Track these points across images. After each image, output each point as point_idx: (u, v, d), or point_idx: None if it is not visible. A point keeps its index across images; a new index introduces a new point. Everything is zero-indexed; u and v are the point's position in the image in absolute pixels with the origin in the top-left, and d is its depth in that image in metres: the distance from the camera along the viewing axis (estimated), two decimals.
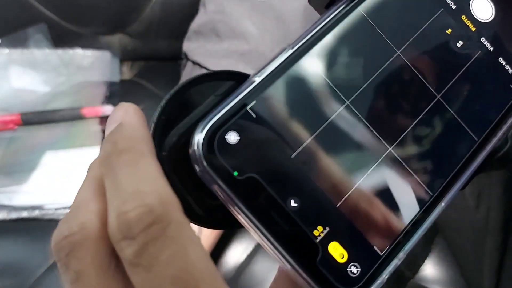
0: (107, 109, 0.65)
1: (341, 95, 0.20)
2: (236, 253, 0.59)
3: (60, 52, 0.67)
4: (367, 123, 0.20)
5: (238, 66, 0.53)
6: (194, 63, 0.57)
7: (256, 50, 0.53)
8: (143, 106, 0.71)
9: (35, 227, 0.58)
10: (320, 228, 0.18)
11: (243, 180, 0.17)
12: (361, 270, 0.18)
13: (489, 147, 0.21)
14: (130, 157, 0.16)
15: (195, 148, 0.17)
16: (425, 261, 0.59)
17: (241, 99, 0.18)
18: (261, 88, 0.19)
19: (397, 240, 0.19)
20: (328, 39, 0.20)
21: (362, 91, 0.20)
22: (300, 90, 0.19)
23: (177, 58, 0.68)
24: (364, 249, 0.19)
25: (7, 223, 0.57)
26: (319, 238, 0.18)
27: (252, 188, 0.17)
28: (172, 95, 0.19)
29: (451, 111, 0.21)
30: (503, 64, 0.22)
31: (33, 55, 0.67)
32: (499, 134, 0.22)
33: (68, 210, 0.62)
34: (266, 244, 0.18)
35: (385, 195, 0.19)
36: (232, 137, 0.18)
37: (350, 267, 0.18)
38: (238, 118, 0.18)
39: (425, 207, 0.20)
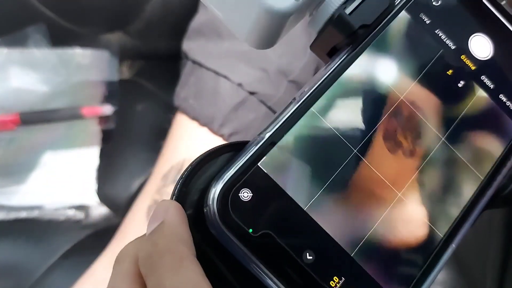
0: (106, 108, 0.65)
1: (349, 144, 0.20)
2: None
3: (59, 51, 0.67)
4: (375, 171, 0.20)
5: (239, 65, 0.53)
6: (194, 62, 0.56)
7: (257, 50, 0.53)
8: (142, 106, 0.70)
9: (34, 227, 0.58)
10: (336, 279, 0.18)
11: (258, 236, 0.18)
12: None
13: (494, 185, 0.21)
14: (172, 259, 0.17)
15: (209, 207, 0.18)
16: None
17: (251, 155, 0.18)
18: (271, 144, 0.19)
19: (412, 285, 0.20)
20: (333, 90, 0.20)
21: (369, 138, 0.20)
22: (308, 142, 0.20)
23: (177, 57, 0.68)
24: None
25: (6, 224, 0.57)
26: None
27: (267, 244, 0.18)
28: (192, 167, 0.20)
29: (456, 152, 0.21)
30: (504, 101, 0.23)
31: (32, 54, 0.67)
32: (504, 171, 0.22)
33: (68, 211, 0.62)
34: None
35: (397, 242, 0.20)
36: (245, 194, 0.18)
37: None
38: (250, 175, 0.18)
39: (437, 250, 0.20)
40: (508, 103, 0.22)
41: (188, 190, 0.19)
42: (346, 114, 0.20)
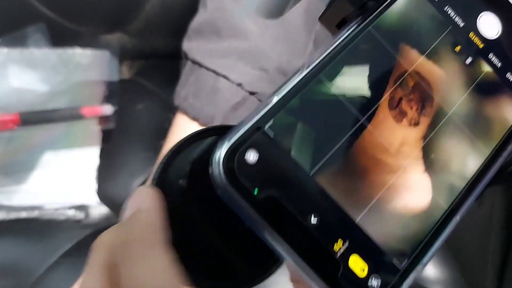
0: (106, 108, 0.65)
1: (355, 112, 0.20)
2: None
3: (59, 51, 0.67)
4: (380, 138, 0.20)
5: (238, 65, 0.53)
6: (194, 62, 0.56)
7: (257, 48, 0.53)
8: (142, 105, 0.70)
9: (34, 227, 0.58)
10: (340, 242, 0.19)
11: (263, 198, 0.18)
12: (381, 284, 0.19)
13: (500, 160, 0.22)
14: (141, 247, 0.17)
15: (216, 166, 0.18)
16: None
17: (259, 118, 0.19)
18: (278, 107, 0.19)
19: (415, 253, 0.20)
20: (341, 58, 0.21)
21: (374, 106, 0.21)
22: (315, 108, 0.20)
23: (177, 57, 0.68)
24: (383, 263, 0.19)
25: (6, 223, 0.57)
26: (339, 252, 0.18)
27: (272, 206, 0.18)
28: (172, 152, 0.21)
29: (461, 126, 0.22)
30: (511, 80, 0.23)
31: (32, 54, 0.67)
32: (509, 147, 0.22)
33: (68, 210, 0.62)
34: (288, 261, 0.18)
35: (401, 210, 0.20)
36: (251, 156, 0.18)
37: (371, 281, 0.19)
38: (256, 137, 0.18)
39: (441, 220, 0.21)
40: None
41: (170, 174, 0.20)
42: (353, 82, 0.21)
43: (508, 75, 0.23)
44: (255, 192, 0.18)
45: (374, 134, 0.20)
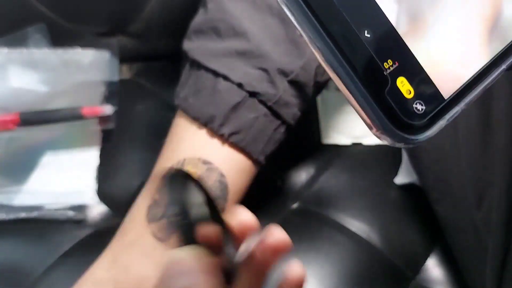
0: (107, 108, 0.65)
1: None
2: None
3: (59, 51, 0.67)
4: None
5: (238, 65, 0.53)
6: (194, 62, 0.56)
7: (257, 48, 0.53)
8: (142, 106, 0.70)
9: (34, 227, 0.58)
10: (390, 61, 0.18)
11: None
12: (425, 109, 0.19)
13: None
14: None
15: None
16: (426, 261, 0.59)
17: None
18: None
19: (461, 88, 0.20)
20: None
21: None
22: None
23: (177, 57, 0.68)
24: (430, 90, 0.19)
25: (6, 224, 0.57)
26: (389, 70, 0.18)
27: (328, 7, 0.18)
28: None
29: None
30: None
31: (32, 54, 0.67)
32: None
33: (67, 211, 0.62)
34: (334, 69, 0.18)
35: (458, 35, 0.19)
36: None
37: (416, 104, 0.19)
38: None
39: (492, 59, 0.20)
40: None
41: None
42: None
43: None
44: None
45: None
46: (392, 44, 0.19)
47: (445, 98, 0.19)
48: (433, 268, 0.58)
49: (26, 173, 0.60)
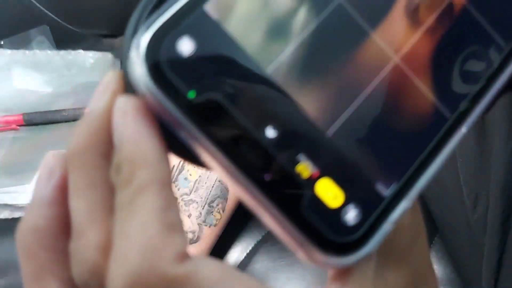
0: None
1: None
2: (235, 253, 0.60)
3: (62, 53, 0.68)
4: (366, 26, 0.15)
5: None
6: None
7: None
8: None
9: None
10: (305, 163, 0.14)
11: (202, 102, 0.13)
12: (359, 215, 0.14)
13: None
14: (131, 193, 0.14)
15: (135, 59, 0.13)
16: None
17: None
18: None
19: (407, 175, 0.15)
20: None
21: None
22: None
23: None
24: (363, 188, 0.14)
25: (10, 222, 0.58)
26: (304, 176, 0.14)
27: (213, 113, 0.13)
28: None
29: (478, 17, 0.17)
30: None
31: (36, 56, 0.67)
32: None
33: None
34: (235, 186, 0.13)
35: (391, 118, 0.15)
36: (185, 45, 0.13)
37: (346, 212, 0.14)
38: (192, 19, 0.13)
39: (443, 133, 0.16)
40: None
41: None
42: None
43: None
44: (191, 95, 0.13)
45: (356, 18, 0.15)
46: (307, 139, 0.14)
47: (386, 193, 0.15)
48: None
49: (30, 173, 0.60)
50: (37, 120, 0.65)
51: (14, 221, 0.58)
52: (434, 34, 0.16)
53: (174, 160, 0.54)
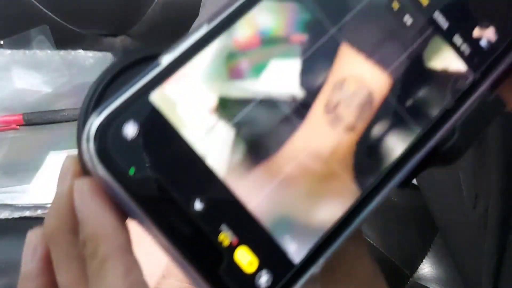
0: None
1: (262, 79, 0.17)
2: None
3: (62, 53, 0.68)
4: (289, 112, 0.17)
5: None
6: None
7: None
8: None
9: (37, 225, 0.58)
10: (227, 232, 0.16)
11: (139, 179, 0.15)
12: (272, 280, 0.16)
13: (435, 139, 0.19)
14: (97, 263, 0.16)
15: (86, 139, 0.15)
16: (423, 260, 0.60)
17: (144, 85, 0.16)
18: (168, 73, 0.16)
19: (315, 245, 0.17)
20: (253, 14, 0.17)
21: (289, 73, 0.17)
22: (212, 74, 0.16)
23: None
24: (277, 257, 0.16)
25: (10, 222, 0.58)
26: (224, 243, 0.16)
27: (149, 189, 0.15)
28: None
29: (393, 98, 0.18)
30: (458, 44, 0.19)
31: (36, 56, 0.67)
32: (449, 124, 0.19)
33: None
34: (165, 251, 0.16)
35: (303, 192, 0.17)
36: (130, 130, 0.15)
37: (259, 276, 0.16)
38: (137, 107, 0.15)
39: (353, 206, 0.17)
40: (463, 46, 0.19)
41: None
42: (263, 43, 0.17)
43: (456, 37, 0.19)
44: (131, 171, 0.15)
45: (281, 106, 0.17)
46: (230, 211, 0.16)
47: (296, 261, 0.17)
48: (430, 266, 0.59)
49: (30, 173, 0.60)
50: (37, 120, 0.65)
51: (14, 221, 0.58)
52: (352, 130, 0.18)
53: None
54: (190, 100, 0.16)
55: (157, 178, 0.15)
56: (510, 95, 0.21)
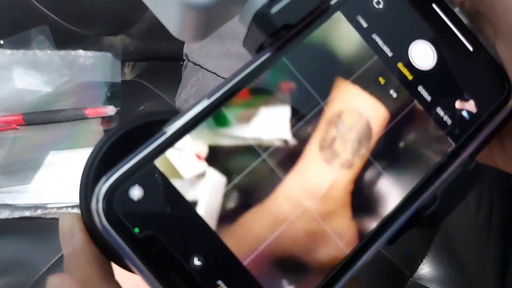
0: (109, 109, 0.65)
1: (257, 149, 0.19)
2: None
3: (62, 53, 0.68)
4: (281, 177, 0.19)
5: (239, 66, 0.53)
6: (195, 64, 0.57)
7: None
8: (144, 106, 0.71)
9: (37, 226, 0.58)
10: (223, 287, 0.17)
11: (144, 237, 0.17)
12: None
13: (417, 203, 0.20)
14: None
15: (95, 202, 0.17)
16: (424, 260, 0.60)
17: (149, 152, 0.17)
18: (171, 141, 0.18)
19: None
20: (249, 89, 0.19)
21: (280, 144, 0.19)
22: (213, 143, 0.18)
23: (178, 59, 0.69)
24: None
25: (10, 222, 0.58)
26: None
27: (152, 247, 0.17)
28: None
29: (378, 166, 0.20)
30: (441, 115, 0.21)
31: (36, 56, 0.67)
32: (431, 189, 0.20)
33: (70, 210, 0.62)
34: None
35: (296, 253, 0.18)
36: (136, 192, 0.17)
37: None
38: (143, 172, 0.17)
39: (340, 266, 0.19)
40: (445, 117, 0.21)
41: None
42: (258, 118, 0.19)
43: (438, 109, 0.20)
44: (135, 230, 0.17)
45: (275, 171, 0.19)
46: (226, 268, 0.17)
47: None
48: (430, 267, 0.59)
49: (30, 173, 0.60)
50: (37, 120, 0.65)
51: (14, 221, 0.58)
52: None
53: None
54: (191, 165, 0.18)
55: (159, 237, 0.17)
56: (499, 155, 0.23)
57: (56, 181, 0.60)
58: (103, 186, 0.17)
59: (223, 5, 0.19)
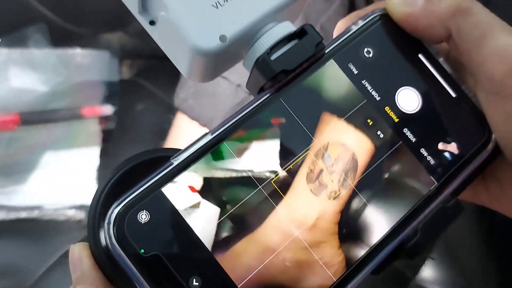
0: (107, 108, 0.65)
1: (256, 180, 0.21)
2: None
3: (59, 52, 0.67)
4: (272, 207, 0.20)
5: (238, 66, 0.53)
6: None
7: None
8: (142, 106, 0.71)
9: (34, 227, 0.58)
10: None
11: (148, 257, 0.18)
12: None
13: (401, 236, 0.21)
14: None
15: (107, 224, 0.19)
16: (425, 262, 0.59)
17: (157, 180, 0.19)
18: (177, 171, 0.20)
19: None
20: (248, 127, 0.21)
21: (276, 177, 0.21)
22: (216, 174, 0.20)
23: None
24: None
25: (6, 223, 0.57)
26: None
27: (156, 266, 0.19)
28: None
29: (364, 201, 0.22)
30: (424, 155, 0.22)
31: (32, 55, 0.67)
32: (414, 223, 0.21)
33: (68, 211, 0.62)
34: None
35: (286, 280, 0.20)
36: (143, 216, 0.19)
37: None
38: (150, 198, 0.19)
39: None
40: (428, 157, 0.22)
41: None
42: (256, 153, 0.21)
43: (422, 150, 0.22)
44: (141, 251, 0.19)
45: (272, 203, 0.20)
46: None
47: None
48: (431, 269, 0.59)
49: (26, 173, 0.60)
50: (34, 120, 0.64)
51: (11, 222, 0.58)
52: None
53: None
54: (187, 196, 0.20)
55: (162, 257, 0.19)
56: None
57: (53, 182, 0.60)
58: (115, 210, 0.19)
59: (229, 52, 0.22)
